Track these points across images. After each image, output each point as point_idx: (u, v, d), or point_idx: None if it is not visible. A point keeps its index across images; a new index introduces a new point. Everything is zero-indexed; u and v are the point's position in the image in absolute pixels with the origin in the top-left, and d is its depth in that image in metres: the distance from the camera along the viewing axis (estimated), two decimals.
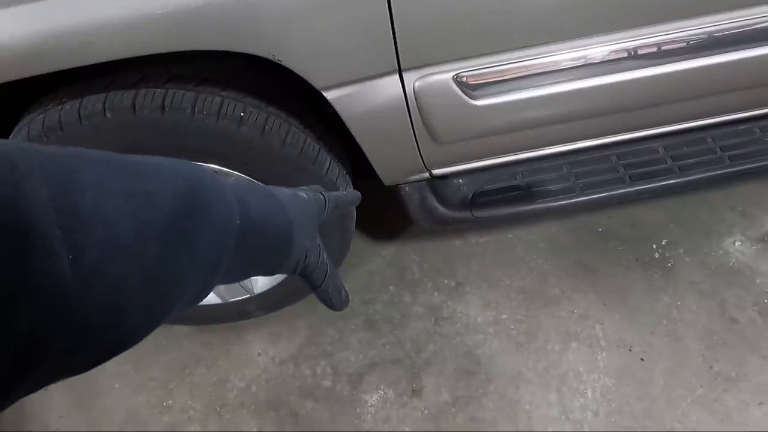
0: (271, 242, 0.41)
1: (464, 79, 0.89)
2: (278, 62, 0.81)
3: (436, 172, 1.14)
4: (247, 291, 1.28)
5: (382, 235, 1.53)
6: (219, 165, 0.97)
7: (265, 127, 0.94)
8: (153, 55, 0.80)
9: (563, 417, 1.15)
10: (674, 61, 0.97)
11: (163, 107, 0.88)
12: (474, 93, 0.91)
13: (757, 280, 1.32)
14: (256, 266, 0.41)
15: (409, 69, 0.87)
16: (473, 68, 0.89)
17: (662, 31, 0.92)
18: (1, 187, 0.24)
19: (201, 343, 1.36)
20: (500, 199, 1.22)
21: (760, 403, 1.12)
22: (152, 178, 0.32)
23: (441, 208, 1.20)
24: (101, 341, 0.29)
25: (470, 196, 1.25)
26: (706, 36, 0.95)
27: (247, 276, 0.41)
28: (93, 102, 0.87)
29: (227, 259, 0.36)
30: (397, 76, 0.88)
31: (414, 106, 0.92)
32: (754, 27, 0.96)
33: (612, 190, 1.20)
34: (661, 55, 0.96)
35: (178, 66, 0.92)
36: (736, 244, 1.39)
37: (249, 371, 1.31)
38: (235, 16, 0.74)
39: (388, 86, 0.89)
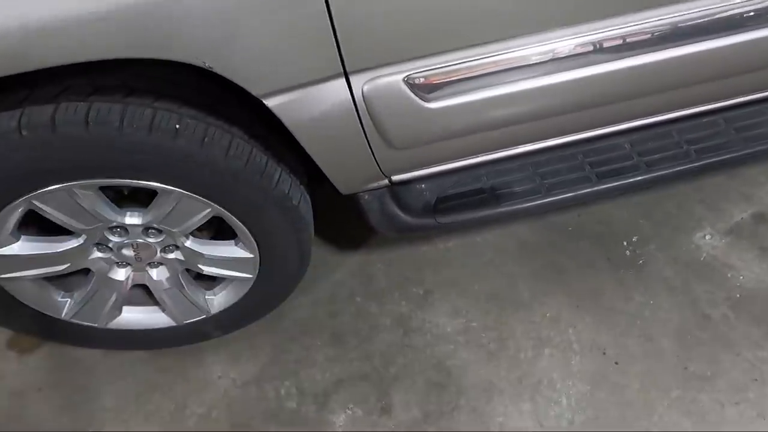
0: None
1: (416, 80, 0.84)
2: (209, 69, 0.74)
3: (396, 178, 1.08)
4: (203, 311, 1.20)
5: (346, 244, 1.47)
6: (155, 182, 0.89)
7: (204, 139, 0.87)
8: (74, 65, 0.72)
9: (538, 428, 1.11)
10: (639, 54, 0.92)
11: (87, 122, 0.80)
12: (428, 95, 0.86)
13: (728, 274, 1.30)
14: None
15: (355, 72, 0.81)
16: (425, 69, 0.83)
17: (626, 23, 0.88)
18: None
19: (156, 368, 1.28)
20: (464, 204, 1.17)
21: (736, 403, 1.10)
22: None
23: (403, 216, 1.15)
24: None
25: (433, 202, 1.20)
26: (669, 27, 0.91)
27: None
28: (6, 119, 0.79)
29: None
30: (344, 79, 0.82)
31: (364, 111, 0.86)
32: (716, 17, 0.92)
33: (578, 190, 1.16)
34: (625, 48, 0.92)
35: (103, 76, 0.84)
36: (706, 237, 1.37)
37: (209, 396, 1.23)
38: (152, 19, 0.67)
39: (334, 91, 0.83)
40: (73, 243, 1.01)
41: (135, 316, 1.22)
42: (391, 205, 1.14)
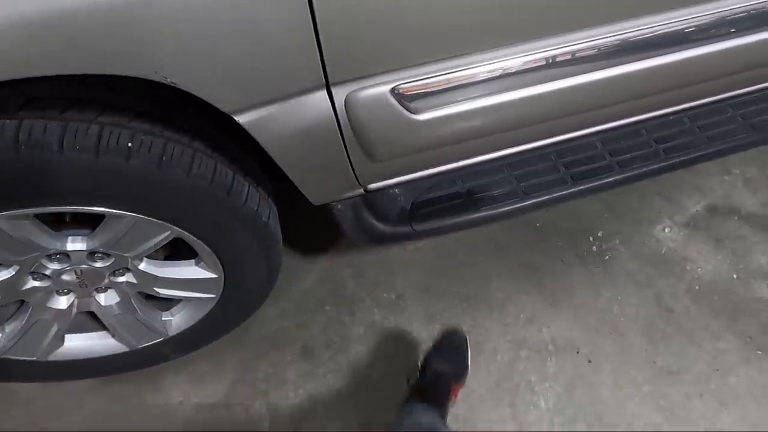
0: None
1: (404, 91, 0.76)
2: (171, 85, 0.62)
3: (372, 186, 1.01)
4: (160, 334, 1.09)
5: (312, 249, 1.39)
6: (103, 207, 0.77)
7: (162, 157, 0.76)
8: None
9: None
10: (615, 65, 0.90)
11: (17, 144, 0.66)
12: (415, 106, 0.79)
13: (687, 267, 1.34)
14: None
15: (339, 83, 0.72)
16: (413, 79, 0.76)
17: (607, 33, 0.85)
18: None
19: (108, 397, 1.16)
20: (441, 209, 1.12)
21: (700, 395, 1.15)
22: None
23: (378, 225, 1.08)
24: None
25: (408, 208, 1.14)
26: (643, 39, 0.89)
27: None
28: None
29: None
30: (325, 91, 0.73)
31: (346, 124, 0.78)
32: (688, 30, 0.91)
33: (555, 192, 1.14)
34: (601, 57, 0.89)
35: (36, 86, 0.70)
36: (666, 230, 1.41)
37: (171, 423, 1.13)
38: (103, 30, 0.55)
39: (314, 104, 0.74)
40: (2, 275, 0.87)
41: (80, 345, 1.09)
42: (366, 215, 1.07)
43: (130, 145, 0.72)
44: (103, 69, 0.58)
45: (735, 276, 1.32)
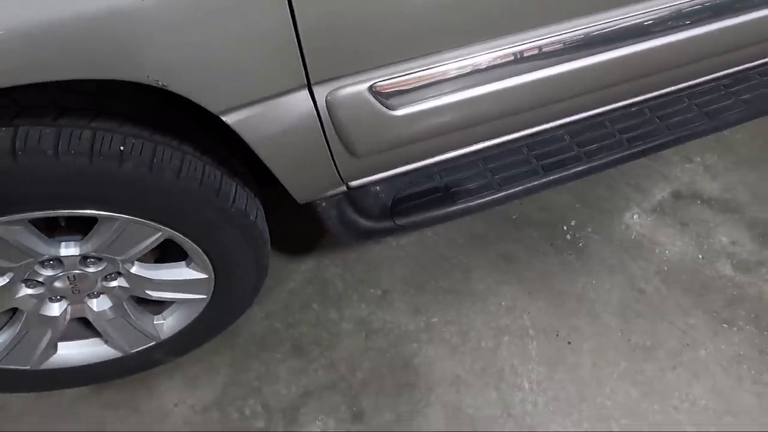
0: None
1: (381, 89, 0.81)
2: (163, 88, 0.66)
3: (354, 183, 1.06)
4: (152, 338, 1.11)
5: (297, 249, 1.42)
6: (97, 210, 0.80)
7: (153, 160, 0.79)
8: None
9: (505, 414, 1.16)
10: (580, 57, 0.97)
11: (14, 152, 0.69)
12: (393, 103, 0.84)
13: (656, 250, 1.42)
14: None
15: (319, 83, 0.77)
16: (390, 76, 0.81)
17: (571, 28, 0.91)
18: None
19: (101, 404, 1.17)
20: (421, 204, 1.17)
21: (673, 368, 1.21)
22: None
23: (362, 221, 1.13)
24: None
25: (390, 204, 1.19)
26: (610, 32, 0.96)
27: None
28: None
29: None
30: (307, 91, 0.78)
31: (328, 121, 0.82)
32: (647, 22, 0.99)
33: (528, 183, 1.20)
34: (566, 51, 0.96)
35: (28, 94, 0.73)
36: (635, 217, 1.48)
37: (167, 427, 1.15)
38: (97, 37, 0.59)
39: (297, 103, 0.78)
40: None
41: (73, 352, 1.10)
42: (350, 212, 1.11)
43: (122, 149, 0.76)
44: (96, 74, 0.62)
45: (700, 256, 1.40)
